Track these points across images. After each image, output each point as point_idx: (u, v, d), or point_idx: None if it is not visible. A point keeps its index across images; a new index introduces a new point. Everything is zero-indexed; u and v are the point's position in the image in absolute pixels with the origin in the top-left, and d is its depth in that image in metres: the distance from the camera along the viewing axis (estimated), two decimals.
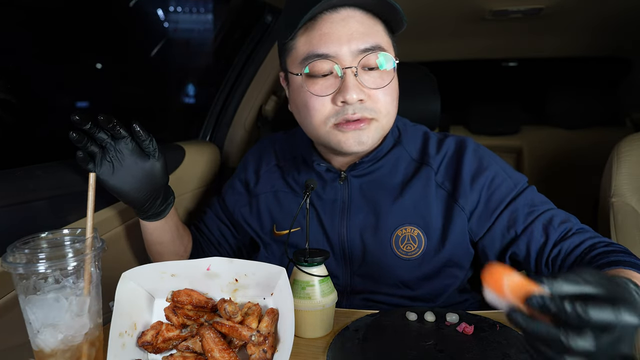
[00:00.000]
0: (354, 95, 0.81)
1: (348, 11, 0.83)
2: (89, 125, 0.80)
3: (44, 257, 0.61)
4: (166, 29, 2.50)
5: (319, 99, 0.85)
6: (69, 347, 0.63)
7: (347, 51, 0.82)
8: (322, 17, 0.83)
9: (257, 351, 0.65)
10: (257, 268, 0.70)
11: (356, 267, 0.96)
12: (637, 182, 1.10)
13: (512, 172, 0.95)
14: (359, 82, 0.83)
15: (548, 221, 0.87)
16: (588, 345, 0.43)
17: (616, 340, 0.44)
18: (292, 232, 0.98)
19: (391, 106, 0.88)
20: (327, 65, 0.83)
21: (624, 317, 0.43)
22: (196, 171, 1.45)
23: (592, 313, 0.42)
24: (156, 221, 0.98)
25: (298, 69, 0.87)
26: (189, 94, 2.54)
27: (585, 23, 1.85)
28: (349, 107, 0.83)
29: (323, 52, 0.82)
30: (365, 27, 0.84)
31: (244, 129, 1.78)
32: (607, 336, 0.43)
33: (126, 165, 0.86)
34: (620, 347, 0.44)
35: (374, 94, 0.85)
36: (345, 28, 0.82)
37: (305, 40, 0.85)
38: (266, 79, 1.76)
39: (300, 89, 0.88)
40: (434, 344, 0.71)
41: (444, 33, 2.01)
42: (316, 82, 0.85)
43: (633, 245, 1.04)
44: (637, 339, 0.48)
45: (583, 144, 2.34)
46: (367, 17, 0.85)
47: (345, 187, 0.97)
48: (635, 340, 0.45)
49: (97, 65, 1.91)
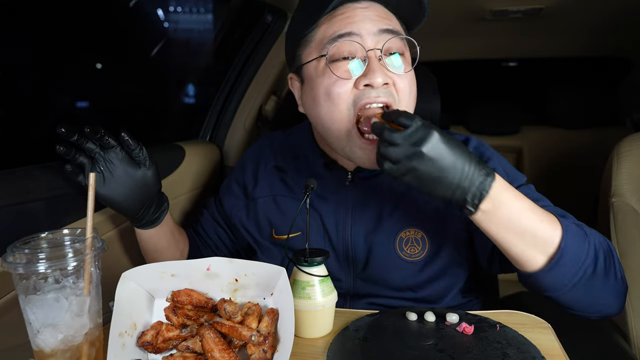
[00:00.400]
0: (379, 79, 0.80)
1: (369, 2, 0.85)
2: (76, 137, 0.80)
3: (44, 257, 0.61)
4: (166, 29, 2.50)
5: (342, 83, 0.82)
6: (69, 347, 0.63)
7: (370, 31, 0.82)
8: (344, 6, 0.85)
9: (257, 351, 0.65)
10: (257, 268, 0.70)
11: (360, 271, 0.95)
12: (637, 182, 1.10)
13: (510, 169, 0.95)
14: (384, 66, 0.83)
15: None
16: (392, 137, 0.68)
17: (413, 132, 0.67)
18: (293, 237, 0.97)
19: (412, 96, 0.88)
20: (352, 47, 0.82)
21: (420, 131, 0.67)
22: (196, 171, 1.45)
23: (401, 118, 0.70)
24: (151, 229, 0.97)
25: (318, 53, 0.86)
26: (189, 94, 2.54)
27: (585, 23, 1.85)
28: (372, 90, 0.82)
29: (348, 31, 0.82)
30: (387, 14, 0.86)
31: (244, 129, 1.78)
32: (409, 130, 0.68)
33: (117, 175, 0.85)
34: (414, 160, 0.67)
35: (397, 80, 0.84)
36: (368, 12, 0.84)
37: (327, 27, 0.85)
38: (266, 79, 1.76)
39: (319, 76, 0.85)
40: (434, 344, 0.71)
41: (444, 33, 2.01)
42: (338, 65, 0.83)
43: (633, 245, 1.04)
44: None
45: (583, 144, 2.34)
46: (387, 10, 0.87)
47: (352, 189, 0.96)
48: (434, 149, 0.66)
49: (97, 65, 1.91)
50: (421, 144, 0.66)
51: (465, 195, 0.69)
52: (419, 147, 0.66)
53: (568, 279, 0.72)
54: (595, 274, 0.73)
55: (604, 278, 0.74)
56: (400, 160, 0.68)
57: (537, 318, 0.79)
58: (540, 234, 0.72)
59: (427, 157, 0.67)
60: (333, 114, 0.84)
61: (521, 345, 0.70)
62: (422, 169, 0.67)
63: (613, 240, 1.07)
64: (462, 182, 0.68)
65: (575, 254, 0.72)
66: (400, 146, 0.67)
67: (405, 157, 0.67)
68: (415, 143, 0.67)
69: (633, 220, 1.07)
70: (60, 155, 0.81)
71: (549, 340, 0.72)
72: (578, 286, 0.73)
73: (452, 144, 0.69)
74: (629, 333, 1.02)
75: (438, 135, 0.67)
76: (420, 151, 0.66)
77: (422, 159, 0.67)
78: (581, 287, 0.73)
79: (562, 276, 0.72)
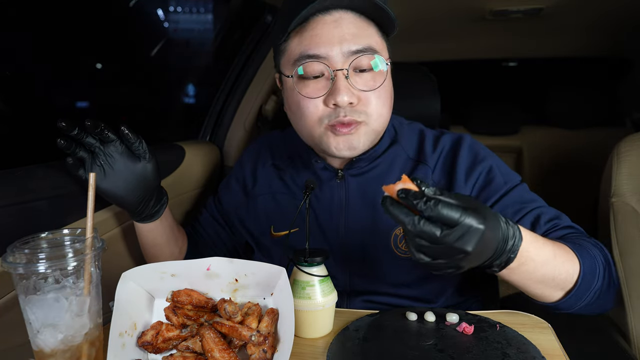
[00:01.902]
0: (345, 97, 0.81)
1: (340, 13, 0.83)
2: (76, 131, 0.80)
3: (44, 257, 0.61)
4: (166, 29, 2.50)
5: (311, 101, 0.85)
6: (69, 347, 0.63)
7: (338, 52, 0.82)
8: (314, 19, 0.83)
9: (257, 351, 0.65)
10: (257, 268, 0.70)
11: (355, 267, 0.96)
12: (637, 182, 1.09)
13: (505, 169, 0.95)
14: (349, 84, 0.83)
15: (535, 219, 0.87)
16: (433, 230, 0.54)
17: (460, 236, 0.54)
18: (290, 232, 0.98)
19: (383, 108, 0.87)
20: (319, 67, 0.83)
21: (468, 218, 0.54)
22: (196, 171, 1.45)
23: (441, 209, 0.54)
24: (150, 223, 0.98)
25: (290, 71, 0.87)
26: (189, 94, 2.54)
27: (585, 23, 1.85)
28: (340, 109, 0.83)
29: (314, 53, 0.83)
30: (357, 29, 0.83)
31: (244, 129, 1.78)
32: (452, 230, 0.54)
33: (117, 168, 0.85)
34: (463, 243, 0.55)
35: (365, 97, 0.85)
36: (337, 29, 0.82)
37: (297, 42, 0.85)
38: (266, 79, 1.76)
39: (292, 90, 0.87)
40: (434, 344, 0.71)
41: (444, 33, 2.01)
42: (308, 84, 0.85)
43: (633, 245, 1.04)
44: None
45: (583, 144, 2.34)
46: (360, 19, 0.84)
47: (342, 186, 0.97)
48: (479, 243, 0.56)
49: (97, 65, 1.91)
50: (467, 243, 0.55)
51: (495, 261, 0.65)
52: (466, 247, 0.55)
53: (581, 301, 0.78)
54: (601, 290, 0.79)
55: (607, 289, 0.81)
56: (443, 257, 0.58)
57: (537, 318, 0.79)
58: (562, 277, 0.75)
59: (474, 254, 0.57)
60: (305, 126, 0.88)
61: (521, 345, 0.70)
62: (465, 265, 0.60)
63: (613, 240, 1.07)
64: (494, 255, 0.63)
65: (589, 282, 0.77)
66: (444, 247, 0.56)
67: (446, 255, 0.58)
68: (461, 241, 0.55)
69: (633, 220, 1.06)
70: (61, 149, 0.81)
71: (549, 340, 0.72)
72: (588, 304, 0.78)
73: (493, 223, 0.60)
74: (629, 333, 1.02)
75: (484, 222, 0.56)
76: (467, 251, 0.56)
77: (468, 257, 0.57)
78: (590, 304, 0.79)
79: (575, 301, 0.77)
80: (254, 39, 1.72)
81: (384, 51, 0.88)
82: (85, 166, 0.85)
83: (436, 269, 0.61)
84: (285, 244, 0.83)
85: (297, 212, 0.85)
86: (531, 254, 0.68)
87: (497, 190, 0.91)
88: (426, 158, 0.97)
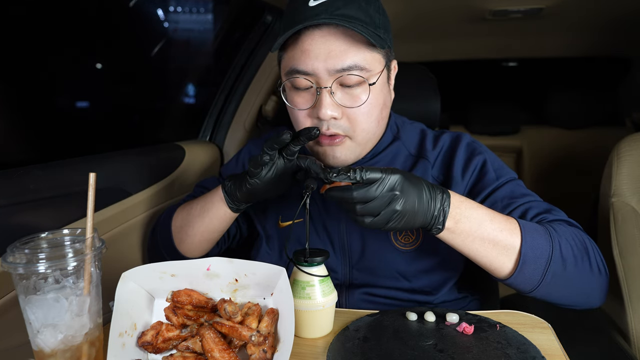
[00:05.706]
0: (328, 112, 0.84)
1: (330, 28, 0.83)
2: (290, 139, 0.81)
3: (44, 257, 0.61)
4: (166, 29, 2.50)
5: (300, 111, 0.89)
6: (69, 347, 0.63)
7: (323, 70, 0.83)
8: (305, 32, 0.84)
9: (257, 351, 0.65)
10: (257, 268, 0.70)
11: (355, 261, 0.97)
12: (637, 182, 1.10)
13: (499, 165, 0.95)
14: (333, 101, 0.85)
15: (523, 213, 0.87)
16: (366, 188, 0.70)
17: (387, 185, 0.70)
18: (293, 223, 0.99)
19: (369, 123, 0.89)
20: (305, 82, 0.86)
21: (388, 173, 0.70)
22: (196, 171, 1.45)
23: (367, 172, 0.69)
24: (233, 212, 0.97)
25: (284, 80, 0.90)
26: (189, 94, 2.53)
27: (585, 23, 1.85)
28: (324, 122, 0.86)
29: (302, 69, 0.85)
30: (346, 44, 0.83)
31: (244, 129, 1.78)
32: (379, 183, 0.70)
33: (277, 176, 0.87)
34: (390, 189, 0.70)
35: (350, 112, 0.86)
36: (325, 45, 0.83)
37: (289, 55, 0.87)
38: (266, 79, 1.76)
39: (286, 95, 0.92)
40: (434, 344, 0.71)
41: (444, 33, 2.01)
42: (298, 94, 0.88)
43: (633, 245, 1.04)
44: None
45: (583, 144, 2.34)
46: (350, 32, 0.83)
47: None
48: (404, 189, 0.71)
49: (97, 65, 1.91)
50: (395, 187, 0.71)
51: (436, 217, 0.75)
52: (395, 191, 0.71)
53: (537, 278, 0.78)
54: (565, 268, 0.78)
55: (577, 271, 0.79)
56: (381, 210, 0.71)
57: (537, 318, 0.79)
58: (501, 241, 0.77)
59: (404, 196, 0.71)
60: (297, 128, 0.92)
61: (521, 345, 0.70)
62: (404, 209, 0.72)
63: (613, 240, 1.07)
64: (430, 206, 0.74)
65: (539, 253, 0.77)
66: (378, 198, 0.70)
67: (385, 205, 0.71)
68: (390, 189, 0.71)
69: (633, 220, 1.06)
70: (289, 150, 0.84)
71: (549, 340, 0.72)
72: (550, 282, 0.78)
73: (410, 175, 0.74)
74: (629, 333, 1.02)
75: (401, 174, 0.72)
76: (397, 194, 0.71)
77: (401, 200, 0.71)
78: (553, 282, 0.78)
79: (531, 275, 0.78)
80: (254, 39, 1.72)
81: (375, 63, 0.87)
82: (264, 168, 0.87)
83: (382, 225, 0.73)
84: (287, 239, 0.84)
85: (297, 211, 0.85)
86: (464, 211, 0.76)
87: (488, 185, 0.92)
88: (427, 154, 0.98)
